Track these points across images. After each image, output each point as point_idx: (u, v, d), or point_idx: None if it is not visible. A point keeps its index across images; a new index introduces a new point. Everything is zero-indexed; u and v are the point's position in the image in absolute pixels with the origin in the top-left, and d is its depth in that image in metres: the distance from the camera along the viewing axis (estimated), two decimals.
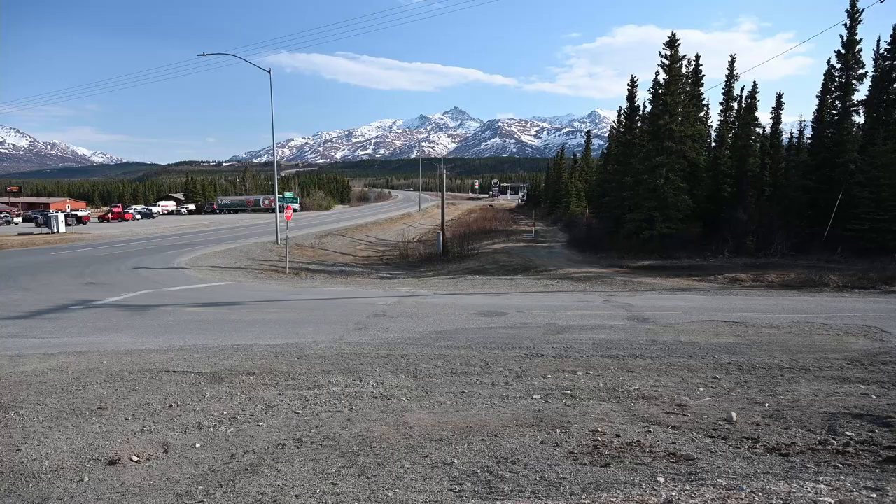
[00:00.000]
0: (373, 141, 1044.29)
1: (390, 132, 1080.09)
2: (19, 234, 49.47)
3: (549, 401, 7.26)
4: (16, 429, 6.78)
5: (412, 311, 14.00)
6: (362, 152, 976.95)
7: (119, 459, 5.89)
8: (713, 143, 35.48)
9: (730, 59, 33.13)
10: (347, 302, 15.55)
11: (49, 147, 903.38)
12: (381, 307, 14.45)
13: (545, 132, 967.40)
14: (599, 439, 5.94)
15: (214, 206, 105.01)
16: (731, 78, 33.44)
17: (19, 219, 79.19)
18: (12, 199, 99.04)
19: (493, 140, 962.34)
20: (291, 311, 14.10)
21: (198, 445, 6.18)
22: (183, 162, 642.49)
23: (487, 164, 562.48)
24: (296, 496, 4.81)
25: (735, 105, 33.86)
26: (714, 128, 36.05)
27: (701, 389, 7.68)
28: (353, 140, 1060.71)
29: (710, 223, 29.59)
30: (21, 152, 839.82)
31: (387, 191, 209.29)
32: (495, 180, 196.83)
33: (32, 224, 62.38)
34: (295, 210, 25.89)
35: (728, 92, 33.83)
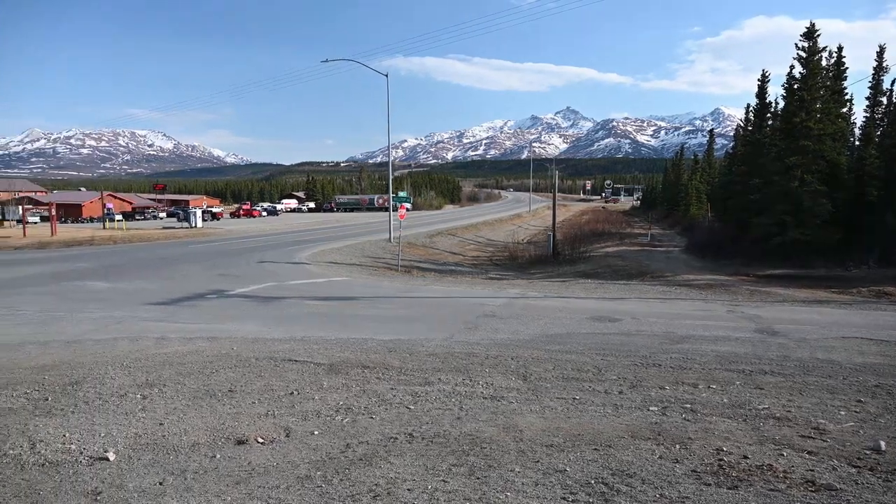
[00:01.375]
0: (483, 142, 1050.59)
1: (501, 133, 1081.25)
2: (164, 227, 54.74)
3: (667, 414, 6.89)
4: (159, 405, 7.46)
5: (522, 312, 13.89)
6: (473, 153, 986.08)
7: (246, 440, 6.30)
8: (857, 143, 32.20)
9: (878, 50, 29.94)
10: (457, 301, 15.71)
11: (190, 149, 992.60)
12: (490, 308, 14.46)
13: (663, 131, 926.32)
14: (725, 459, 5.54)
15: (332, 205, 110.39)
16: (879, 70, 30.17)
17: (164, 214, 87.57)
18: (158, 197, 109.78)
19: (606, 140, 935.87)
20: (403, 308, 14.47)
21: (316, 432, 6.47)
22: (304, 162, 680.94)
23: (600, 164, 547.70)
24: (408, 490, 4.89)
25: (884, 100, 30.51)
26: (858, 125, 32.70)
27: (842, 413, 6.95)
28: (464, 141, 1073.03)
29: (853, 230, 26.84)
30: (166, 154, 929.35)
31: (496, 191, 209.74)
32: (608, 181, 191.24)
33: (175, 219, 68.74)
34: (407, 209, 26.57)
35: (876, 86, 30.55)
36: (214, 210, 79.60)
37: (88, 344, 10.77)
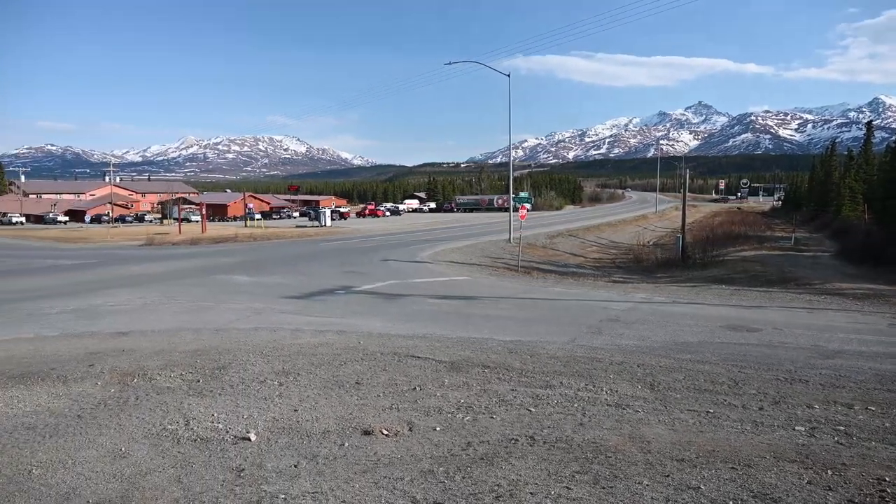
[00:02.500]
0: (606, 140, 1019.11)
1: (625, 130, 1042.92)
2: (297, 226, 58.55)
3: (816, 436, 6.25)
4: (294, 392, 7.96)
5: (648, 318, 13.28)
6: (595, 152, 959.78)
7: (372, 431, 6.54)
8: None
9: None
10: (579, 304, 15.34)
11: (320, 152, 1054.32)
12: (614, 312, 13.97)
13: (809, 125, 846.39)
14: (888, 491, 4.92)
15: (452, 205, 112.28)
16: None
17: (297, 213, 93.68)
18: (292, 197, 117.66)
19: (743, 136, 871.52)
20: (524, 309, 14.37)
21: (438, 429, 6.58)
22: (425, 164, 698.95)
23: (735, 162, 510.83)
24: (531, 493, 4.82)
25: None
26: None
27: None
28: (586, 140, 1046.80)
29: None
30: (299, 157, 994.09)
31: (620, 191, 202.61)
32: (745, 180, 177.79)
33: (306, 218, 73.28)
34: (527, 210, 26.38)
35: None
36: (342, 210, 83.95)
37: (233, 332, 11.75)
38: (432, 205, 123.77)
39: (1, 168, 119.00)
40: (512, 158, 36.96)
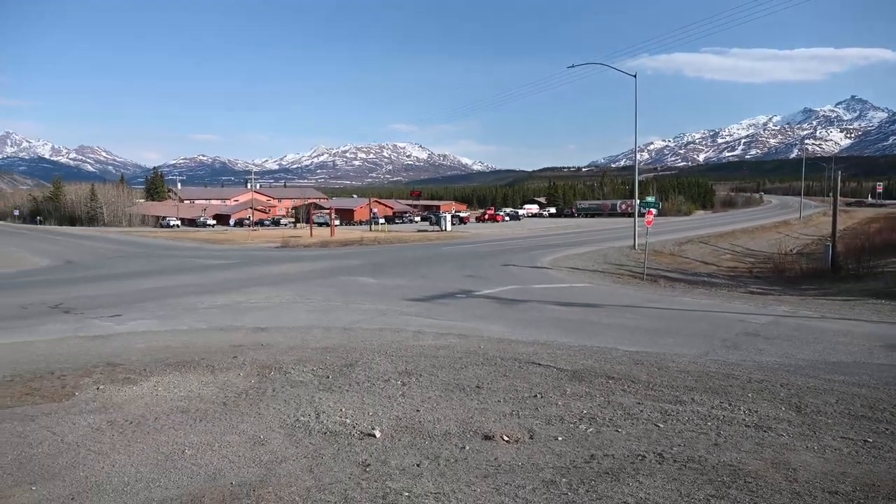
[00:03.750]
0: (742, 141, 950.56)
1: (764, 130, 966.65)
2: (418, 230, 60.20)
3: None
4: (416, 392, 8.14)
5: (793, 333, 12.15)
6: (729, 153, 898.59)
7: (493, 436, 6.53)
8: None
9: None
10: (712, 315, 14.38)
11: (441, 158, 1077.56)
12: (752, 325, 12.94)
13: None
14: None
15: (573, 210, 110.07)
16: None
17: (418, 218, 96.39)
18: (414, 202, 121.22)
19: None
20: (650, 318, 13.72)
21: (559, 438, 6.43)
22: (545, 168, 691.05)
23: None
24: None
25: None
26: None
27: None
28: (719, 141, 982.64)
29: None
30: (421, 163, 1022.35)
31: (757, 195, 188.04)
32: None
33: (427, 223, 75.11)
34: (654, 215, 25.21)
35: None
36: (462, 215, 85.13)
37: (359, 332, 12.28)
38: (552, 210, 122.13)
39: (161, 177, 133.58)
40: (637, 161, 35.52)
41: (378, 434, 6.68)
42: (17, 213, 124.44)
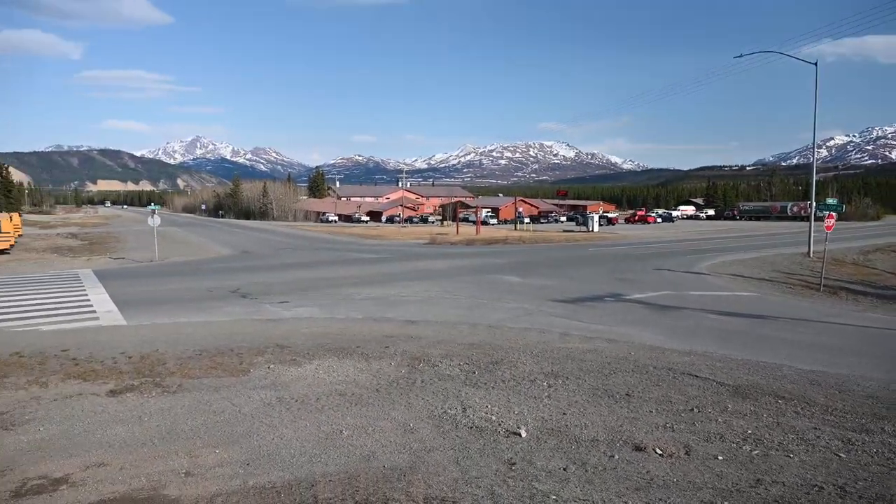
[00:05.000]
0: None
1: None
2: (563, 230, 59.14)
3: None
4: (562, 395, 7.98)
5: None
6: None
7: (644, 447, 6.22)
8: None
9: None
10: None
11: (589, 157, 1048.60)
12: None
13: None
14: None
15: (735, 212, 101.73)
16: None
17: (564, 218, 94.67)
18: (560, 202, 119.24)
19: None
20: (828, 335, 12.27)
21: (720, 457, 5.97)
22: (703, 167, 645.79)
23: None
24: None
25: None
26: None
27: None
28: None
29: None
30: (568, 162, 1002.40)
31: None
32: None
33: (573, 223, 73.56)
34: (834, 220, 22.46)
35: None
36: (610, 215, 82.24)
37: (505, 330, 12.32)
38: (710, 212, 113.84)
39: (322, 176, 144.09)
40: (815, 159, 31.92)
41: (524, 433, 6.65)
42: (203, 207, 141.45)
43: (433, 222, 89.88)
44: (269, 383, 8.71)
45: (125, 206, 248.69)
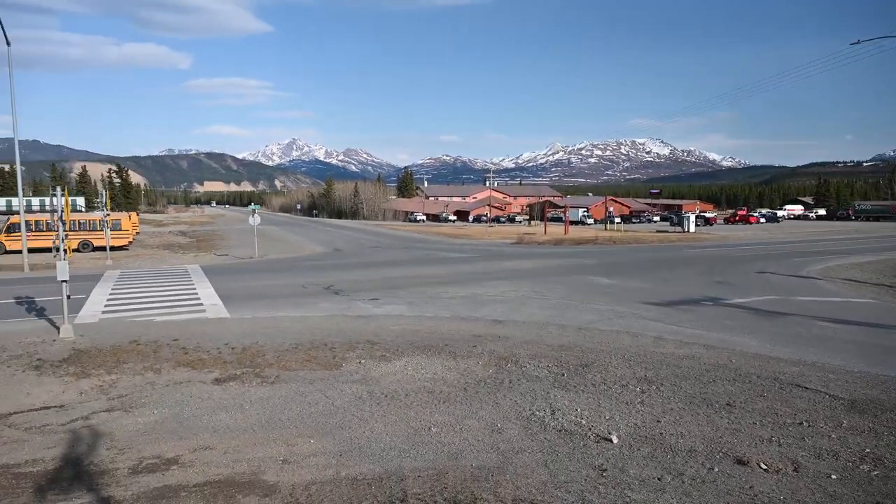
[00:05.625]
0: None
1: None
2: (657, 231, 56.92)
3: None
4: (657, 401, 7.67)
5: None
6: None
7: (747, 461, 5.85)
8: None
9: None
10: None
11: (685, 154, 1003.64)
12: None
13: None
14: None
15: (849, 212, 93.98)
16: None
17: (657, 218, 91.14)
18: (653, 201, 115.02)
19: None
20: None
21: (833, 477, 5.52)
22: (813, 164, 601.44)
23: None
24: None
25: None
26: None
27: None
28: None
29: None
30: (662, 160, 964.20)
31: None
32: None
33: (667, 223, 70.72)
34: None
35: None
36: (707, 215, 78.26)
37: (595, 332, 12.01)
38: (821, 211, 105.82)
39: (411, 176, 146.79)
40: None
41: (615, 440, 6.45)
42: (298, 207, 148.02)
43: (520, 222, 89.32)
44: (360, 378, 8.95)
45: (227, 206, 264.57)
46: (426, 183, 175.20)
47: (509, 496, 5.23)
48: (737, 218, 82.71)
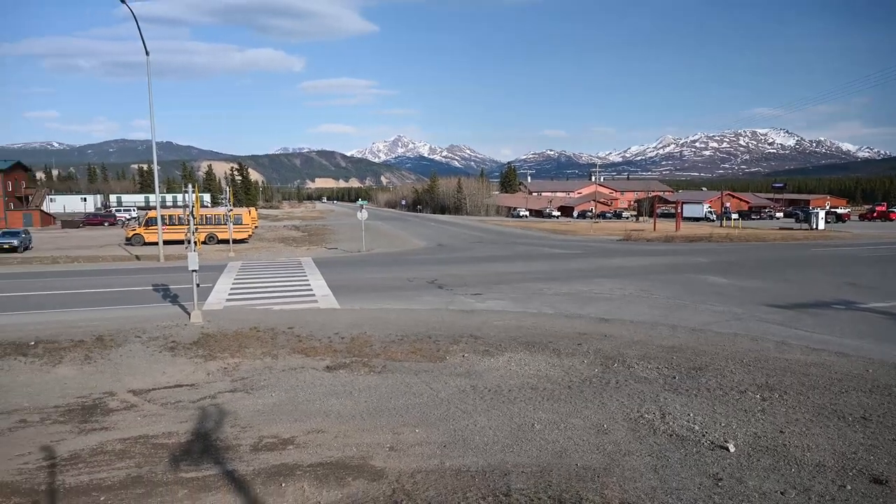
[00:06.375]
0: None
1: None
2: (780, 228, 52.85)
3: None
4: (780, 411, 7.13)
5: None
6: None
7: (885, 480, 5.32)
8: None
9: None
10: None
11: (813, 145, 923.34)
12: None
13: None
14: None
15: None
16: None
17: (780, 214, 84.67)
18: (776, 196, 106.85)
19: None
20: None
21: None
22: None
23: None
24: None
25: None
26: None
27: None
28: None
29: None
30: (787, 151, 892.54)
31: None
32: None
33: (792, 220, 65.48)
34: None
35: None
36: (839, 211, 71.59)
37: (710, 335, 11.36)
38: None
39: (514, 171, 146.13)
40: None
41: (732, 448, 6.08)
42: (403, 202, 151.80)
43: (627, 218, 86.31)
44: (463, 371, 9.04)
45: (336, 202, 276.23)
46: (529, 178, 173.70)
47: (616, 499, 5.08)
48: (874, 214, 75.01)
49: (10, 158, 61.88)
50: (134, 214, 64.19)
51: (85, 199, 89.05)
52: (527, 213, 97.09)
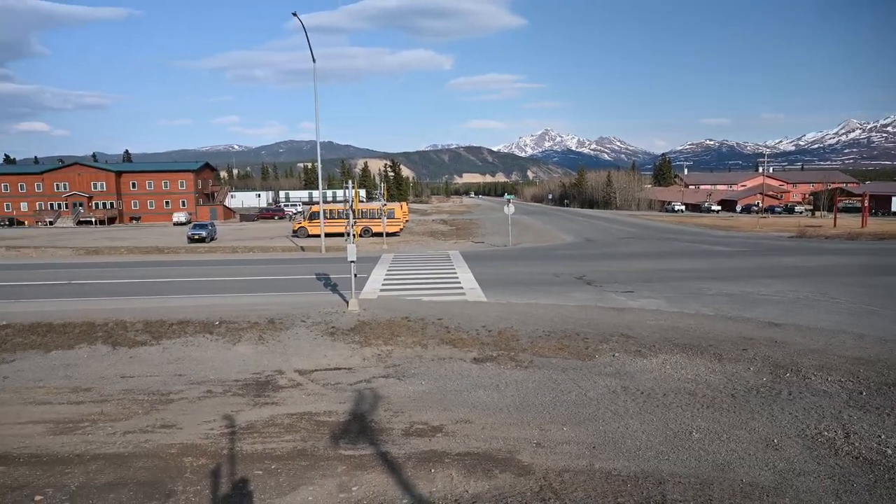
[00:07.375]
0: None
1: None
2: None
3: None
4: None
5: None
6: None
7: None
8: None
9: None
10: None
11: None
12: None
13: None
14: None
15: None
16: None
17: None
18: None
19: None
20: None
21: None
22: None
23: None
24: None
25: None
26: None
27: None
28: None
29: None
30: None
31: None
32: None
33: None
34: None
35: None
36: None
37: None
38: None
39: (669, 163, 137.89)
40: None
41: None
42: (550, 196, 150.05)
43: (801, 212, 77.87)
44: (613, 371, 8.71)
45: (482, 196, 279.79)
46: (685, 170, 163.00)
47: None
48: None
49: (199, 160, 70.58)
50: (299, 209, 69.99)
51: (259, 195, 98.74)
52: (682, 207, 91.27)
